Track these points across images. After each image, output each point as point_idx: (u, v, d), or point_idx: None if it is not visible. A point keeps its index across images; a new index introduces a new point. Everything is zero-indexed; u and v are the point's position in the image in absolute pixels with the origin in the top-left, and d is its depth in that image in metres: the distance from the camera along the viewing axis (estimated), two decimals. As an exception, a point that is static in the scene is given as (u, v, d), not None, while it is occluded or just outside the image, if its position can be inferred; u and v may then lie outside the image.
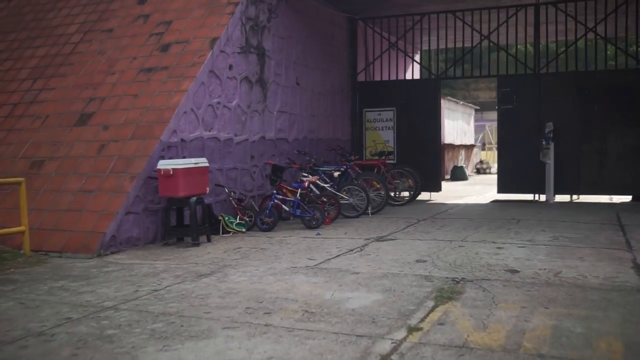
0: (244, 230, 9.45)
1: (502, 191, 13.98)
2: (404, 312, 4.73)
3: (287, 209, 9.92)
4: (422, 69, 16.72)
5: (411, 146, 14.40)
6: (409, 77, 16.66)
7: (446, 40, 14.72)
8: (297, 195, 9.86)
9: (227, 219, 9.37)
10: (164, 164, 8.23)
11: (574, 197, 13.72)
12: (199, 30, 10.15)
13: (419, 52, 18.17)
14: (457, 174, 23.13)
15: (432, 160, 14.42)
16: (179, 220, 8.61)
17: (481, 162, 28.85)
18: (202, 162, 8.60)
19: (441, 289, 5.39)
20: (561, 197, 13.43)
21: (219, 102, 9.88)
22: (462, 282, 5.65)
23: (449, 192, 16.03)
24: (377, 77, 15.38)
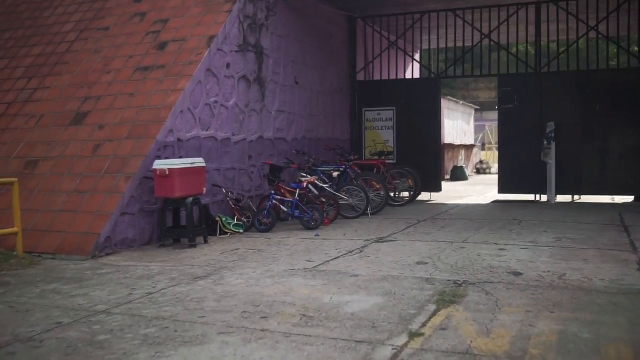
0: (242, 231, 9.31)
1: (503, 191, 13.84)
2: (404, 316, 4.59)
3: (285, 209, 9.78)
4: (422, 68, 16.57)
5: (411, 146, 14.26)
6: (409, 76, 16.52)
7: (446, 39, 14.58)
8: (296, 195, 9.71)
9: (224, 219, 9.22)
10: (159, 164, 8.09)
11: (576, 198, 13.59)
12: (196, 28, 10.01)
13: (419, 51, 18.03)
14: (457, 174, 23.00)
15: (433, 160, 14.29)
16: (176, 221, 8.46)
17: (481, 162, 28.72)
18: (198, 162, 8.46)
19: (443, 292, 5.25)
20: (562, 198, 13.30)
21: (216, 102, 9.73)
22: (464, 285, 5.51)
23: (449, 193, 15.89)
24: (377, 77, 15.24)
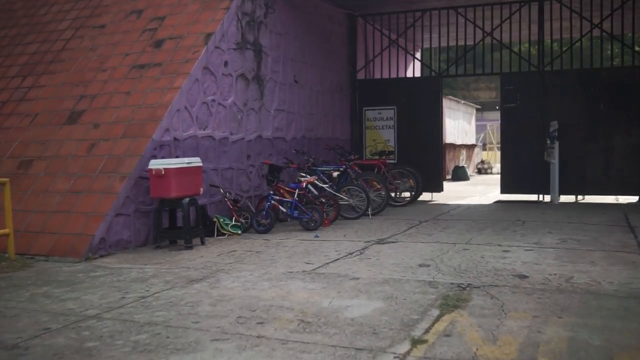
0: (240, 232, 9.12)
1: (505, 191, 13.65)
2: (407, 321, 4.41)
3: (284, 210, 9.59)
4: (424, 67, 16.38)
5: (412, 145, 14.07)
6: (409, 75, 16.32)
7: (448, 37, 14.39)
8: (295, 196, 9.53)
9: (222, 220, 9.03)
10: (155, 164, 7.91)
11: (579, 198, 13.40)
12: (194, 25, 9.82)
13: (420, 49, 17.84)
14: (459, 174, 22.82)
15: (434, 159, 14.10)
16: (172, 222, 8.28)
17: (482, 162, 28.54)
18: (195, 161, 8.27)
19: (446, 296, 5.07)
20: (566, 198, 13.11)
21: (213, 100, 9.55)
22: (468, 289, 5.33)
23: (450, 193, 15.70)
24: (378, 75, 15.05)
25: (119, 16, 10.77)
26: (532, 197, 13.30)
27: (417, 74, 16.14)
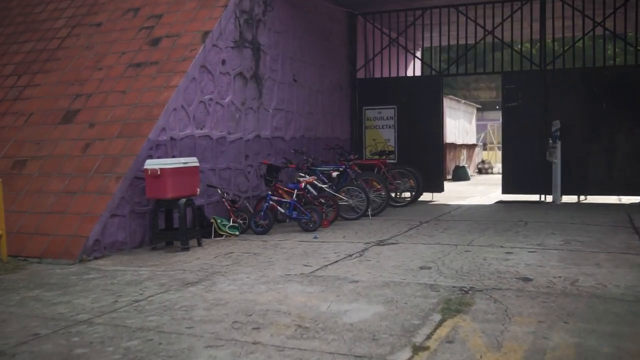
0: (238, 233, 8.97)
1: (506, 191, 13.49)
2: (408, 327, 4.26)
3: (282, 211, 9.44)
4: (424, 66, 16.23)
5: (413, 145, 13.92)
6: (410, 74, 16.16)
7: (448, 36, 14.23)
8: (294, 196, 9.38)
9: (219, 221, 8.88)
10: (151, 164, 7.76)
11: (582, 198, 13.24)
12: (191, 23, 9.67)
13: (420, 48, 17.68)
14: (459, 174, 22.66)
15: (435, 159, 13.95)
16: (168, 223, 8.13)
17: (483, 162, 28.37)
18: (191, 161, 8.12)
19: (448, 300, 4.92)
20: (568, 198, 12.95)
21: (211, 99, 9.40)
22: (470, 292, 5.18)
23: (451, 193, 15.54)
24: (378, 74, 14.89)
25: (115, 14, 10.62)
26: (534, 198, 13.14)
27: (418, 73, 15.98)
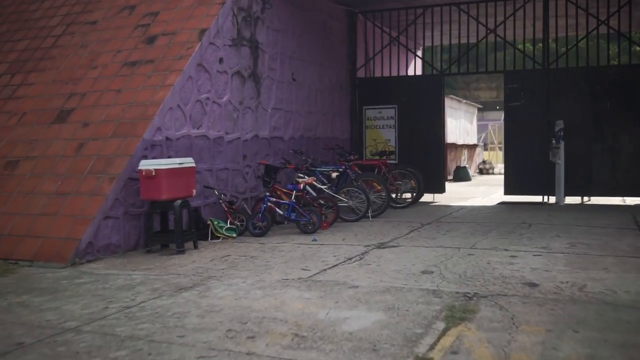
0: (235, 235, 8.77)
1: (509, 192, 13.29)
2: (409, 336, 4.06)
3: (281, 212, 9.24)
4: (425, 65, 16.03)
5: (413, 145, 13.72)
6: (411, 73, 15.97)
7: (450, 35, 14.04)
8: (292, 197, 9.18)
9: (216, 223, 8.69)
10: (145, 164, 7.56)
11: (585, 199, 13.04)
12: (187, 21, 9.48)
13: (421, 47, 17.48)
14: (460, 175, 22.47)
15: (436, 160, 13.75)
16: (164, 225, 7.93)
17: (484, 162, 28.19)
18: (187, 162, 7.92)
19: (452, 307, 4.72)
20: (571, 199, 12.75)
21: (208, 98, 9.20)
22: (475, 298, 4.98)
23: (453, 194, 15.35)
24: (378, 73, 14.70)
25: (111, 12, 10.42)
26: (537, 199, 12.94)
27: (419, 72, 15.79)
